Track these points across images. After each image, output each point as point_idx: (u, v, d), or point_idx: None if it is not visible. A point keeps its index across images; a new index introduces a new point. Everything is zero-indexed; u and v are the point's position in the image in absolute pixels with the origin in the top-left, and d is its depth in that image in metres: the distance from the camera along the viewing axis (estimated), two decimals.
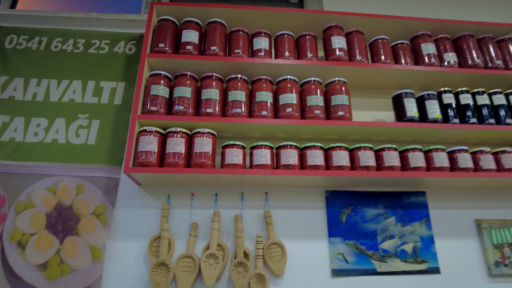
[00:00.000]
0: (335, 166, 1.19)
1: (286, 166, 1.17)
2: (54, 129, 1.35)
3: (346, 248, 1.23)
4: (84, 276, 1.15)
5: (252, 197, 1.28)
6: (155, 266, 1.12)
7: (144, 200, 1.26)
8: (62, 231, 1.20)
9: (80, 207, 1.23)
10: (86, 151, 1.32)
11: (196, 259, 1.14)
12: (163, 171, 1.12)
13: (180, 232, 1.22)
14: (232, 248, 1.21)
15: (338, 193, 1.31)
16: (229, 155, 1.16)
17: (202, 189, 1.28)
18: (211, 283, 1.09)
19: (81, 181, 1.27)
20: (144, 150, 1.14)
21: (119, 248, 1.19)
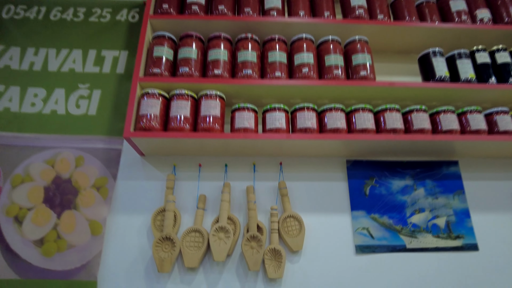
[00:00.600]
0: (359, 129, 1.05)
1: (303, 130, 1.04)
2: (53, 100, 1.25)
3: (371, 222, 1.10)
4: (82, 252, 1.04)
5: (266, 168, 1.16)
6: (159, 240, 1.00)
7: (148, 172, 1.15)
8: (60, 205, 1.10)
9: (80, 180, 1.13)
10: (87, 122, 1.22)
11: (204, 234, 1.02)
12: (167, 135, 1.01)
13: (187, 206, 1.10)
14: (244, 222, 1.09)
15: (361, 163, 1.18)
16: (240, 118, 1.04)
17: (211, 160, 1.16)
18: (221, 259, 0.97)
19: (81, 153, 1.17)
20: (146, 113, 1.03)
21: (120, 222, 1.08)
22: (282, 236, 1.04)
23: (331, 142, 1.06)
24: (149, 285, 1.00)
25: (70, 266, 1.02)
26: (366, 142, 1.05)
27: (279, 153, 1.15)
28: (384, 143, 1.07)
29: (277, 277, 0.98)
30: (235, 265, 1.03)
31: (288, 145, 1.07)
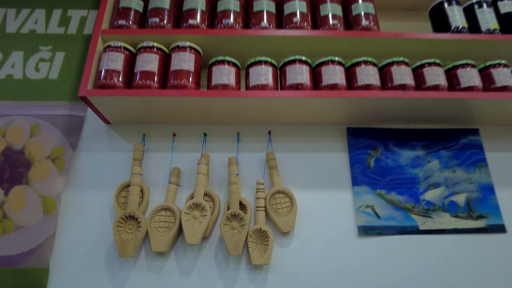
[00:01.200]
0: (361, 85, 0.87)
1: (294, 87, 0.86)
2: (9, 64, 1.08)
3: (377, 199, 0.91)
4: (32, 234, 0.86)
5: (252, 139, 0.98)
6: (121, 220, 0.82)
7: (114, 142, 0.97)
8: (9, 179, 0.92)
9: (33, 151, 0.96)
10: (46, 86, 1.04)
11: (177, 212, 0.84)
12: (130, 93, 0.83)
13: (157, 181, 0.93)
14: (224, 199, 0.91)
15: (364, 131, 1.00)
16: (218, 73, 0.86)
17: (187, 128, 0.99)
18: (194, 242, 0.79)
19: (37, 121, 1.00)
20: (107, 68, 0.85)
21: (79, 200, 0.90)
22: (269, 215, 0.86)
23: (328, 104, 0.88)
24: (110, 273, 0.82)
25: (16, 251, 0.85)
26: (370, 101, 0.87)
27: (267, 119, 0.97)
28: (391, 102, 0.88)
29: (263, 263, 0.80)
30: (213, 249, 0.85)
31: (277, 106, 0.89)
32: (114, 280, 0.82)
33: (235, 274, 0.83)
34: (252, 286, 0.81)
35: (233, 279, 0.82)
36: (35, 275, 0.82)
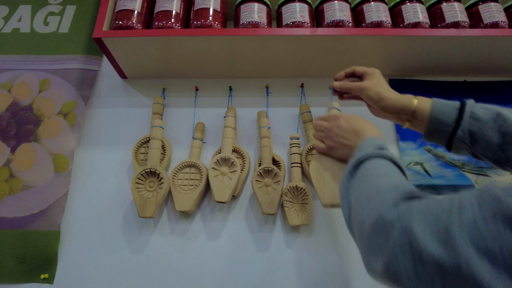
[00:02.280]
0: (408, 24, 0.76)
1: (334, 24, 0.75)
2: (16, 18, 0.98)
3: (426, 156, 0.80)
4: (42, 194, 0.77)
5: (281, 92, 0.88)
6: (141, 176, 0.73)
7: (131, 98, 0.87)
8: (16, 136, 0.83)
9: (43, 107, 0.86)
10: (57, 40, 0.95)
11: (203, 169, 0.74)
12: (149, 33, 0.73)
13: (179, 138, 0.82)
14: (254, 157, 0.81)
15: (407, 83, 0.89)
16: (247, 11, 0.76)
17: (210, 83, 0.88)
18: (223, 199, 0.69)
19: (47, 75, 0.90)
20: (125, 8, 0.75)
21: (93, 158, 0.80)
22: (307, 171, 0.76)
23: (371, 47, 0.77)
24: (128, 237, 0.73)
25: (25, 212, 0.75)
26: (419, 43, 0.76)
27: (298, 72, 0.86)
28: (441, 45, 0.77)
29: (302, 223, 0.69)
30: (244, 209, 0.75)
31: (313, 50, 0.78)
32: (132, 244, 0.72)
33: (269, 237, 0.72)
34: (289, 250, 0.71)
35: (267, 242, 0.72)
36: (45, 238, 0.72)
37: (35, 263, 0.70)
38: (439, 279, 0.27)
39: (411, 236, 0.31)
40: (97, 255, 0.71)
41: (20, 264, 0.70)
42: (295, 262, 0.70)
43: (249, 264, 0.70)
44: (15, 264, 0.70)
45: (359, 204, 0.42)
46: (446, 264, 0.26)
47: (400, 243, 0.31)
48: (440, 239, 0.28)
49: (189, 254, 0.71)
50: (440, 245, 0.28)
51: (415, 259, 0.30)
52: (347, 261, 0.70)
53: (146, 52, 0.78)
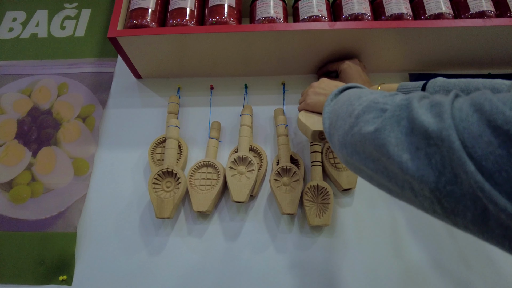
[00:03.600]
0: (430, 15, 0.72)
1: (353, 17, 0.72)
2: (33, 23, 0.99)
3: None
4: (61, 196, 0.76)
5: (298, 89, 0.84)
6: (157, 176, 0.71)
7: (146, 98, 0.86)
8: (37, 141, 0.83)
9: (62, 111, 0.86)
10: (73, 44, 0.95)
11: (220, 169, 0.72)
12: (164, 31, 0.71)
13: (195, 137, 0.81)
14: (271, 156, 0.78)
15: (429, 78, 0.83)
16: (263, 6, 0.73)
17: (225, 81, 0.86)
18: (241, 199, 0.67)
19: (65, 79, 0.90)
20: (139, 7, 0.74)
21: (109, 159, 0.79)
22: (327, 169, 0.72)
23: (391, 40, 0.73)
24: (145, 238, 0.71)
25: (45, 215, 0.75)
26: (442, 34, 0.72)
27: (316, 67, 0.83)
28: (465, 36, 0.72)
29: (323, 224, 0.66)
30: (262, 209, 0.73)
31: (330, 44, 0.75)
32: (149, 246, 0.70)
33: (288, 237, 0.69)
34: (309, 251, 0.68)
35: (286, 243, 0.69)
36: (62, 240, 0.71)
37: (53, 265, 0.69)
38: (424, 145, 0.29)
39: (409, 108, 0.32)
40: (114, 257, 0.69)
41: (40, 266, 0.69)
42: (315, 264, 0.67)
43: (268, 266, 0.67)
44: (35, 266, 0.69)
45: (346, 104, 0.42)
46: (432, 131, 0.28)
47: (396, 115, 0.32)
48: (433, 113, 0.30)
49: (207, 256, 0.69)
50: (432, 116, 0.29)
51: (407, 128, 0.31)
52: (370, 262, 0.66)
53: (160, 50, 0.76)
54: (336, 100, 0.47)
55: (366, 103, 0.38)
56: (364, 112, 0.37)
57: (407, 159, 0.30)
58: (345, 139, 0.39)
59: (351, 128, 0.38)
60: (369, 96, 0.39)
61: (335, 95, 0.49)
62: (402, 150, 0.30)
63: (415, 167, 0.29)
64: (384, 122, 0.33)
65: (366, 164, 0.36)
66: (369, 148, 0.34)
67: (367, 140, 0.34)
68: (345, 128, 0.39)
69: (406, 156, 0.30)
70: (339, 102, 0.45)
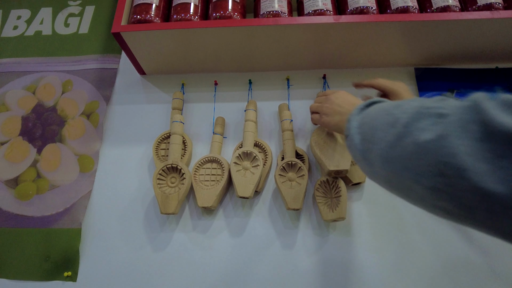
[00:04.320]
0: (437, 8, 0.71)
1: (358, 11, 0.71)
2: (37, 20, 0.99)
3: None
4: (67, 193, 0.76)
5: (302, 85, 0.84)
6: (162, 172, 0.70)
7: (150, 94, 0.85)
8: (42, 137, 0.83)
9: (67, 108, 0.86)
10: (77, 41, 0.94)
11: (224, 164, 0.71)
12: (167, 26, 0.71)
13: (199, 133, 0.80)
14: (276, 151, 0.77)
15: (435, 72, 0.83)
16: (266, 1, 0.72)
17: (229, 77, 0.85)
18: (246, 194, 0.66)
19: (69, 76, 0.90)
20: (143, 2, 0.73)
21: (114, 155, 0.79)
22: None
23: (397, 33, 0.72)
24: (149, 234, 0.71)
25: (51, 211, 0.75)
26: (449, 27, 0.70)
27: (319, 63, 0.82)
28: (473, 30, 0.71)
29: (338, 217, 0.63)
30: (267, 205, 0.72)
31: (335, 39, 0.74)
32: (154, 241, 0.70)
33: (293, 233, 0.69)
34: (315, 246, 0.67)
35: (291, 239, 0.68)
36: (67, 236, 0.71)
37: (58, 261, 0.69)
38: (509, 152, 0.23)
39: (479, 109, 0.27)
40: (119, 253, 0.69)
41: (45, 262, 0.69)
42: (322, 259, 0.66)
43: (273, 261, 0.66)
44: (40, 262, 0.69)
45: (382, 114, 0.37)
46: None
47: (463, 118, 0.27)
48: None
49: (212, 251, 0.68)
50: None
51: (480, 133, 0.26)
52: (378, 258, 0.66)
53: (164, 46, 0.76)
54: (365, 113, 0.42)
55: (413, 110, 0.33)
56: (414, 120, 0.31)
57: (486, 171, 0.24)
58: (391, 152, 0.33)
59: (400, 139, 0.32)
60: (413, 103, 0.34)
61: (361, 109, 0.44)
62: (478, 160, 0.25)
63: (498, 179, 0.24)
64: (448, 128, 0.28)
65: (419, 181, 0.30)
66: (428, 160, 0.29)
67: (426, 151, 0.29)
68: (390, 140, 0.33)
69: (484, 166, 0.24)
70: (369, 115, 0.40)
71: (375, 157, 0.36)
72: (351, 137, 0.42)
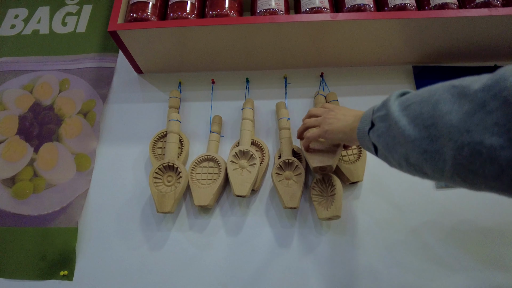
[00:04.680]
0: (435, 5, 0.70)
1: (355, 8, 0.70)
2: (35, 19, 0.98)
3: None
4: (64, 192, 0.76)
5: (300, 83, 0.83)
6: (158, 171, 0.70)
7: (147, 93, 0.85)
8: (39, 136, 0.82)
9: (64, 107, 0.85)
10: (74, 40, 0.94)
11: (221, 163, 0.71)
12: (164, 25, 0.70)
13: (196, 132, 0.80)
14: (273, 150, 0.77)
15: (433, 70, 0.82)
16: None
17: (227, 75, 0.85)
18: (243, 193, 0.66)
19: (66, 75, 0.89)
20: (139, 0, 0.73)
21: (110, 154, 0.78)
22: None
23: (394, 32, 0.71)
24: (146, 233, 0.70)
25: (48, 210, 0.74)
26: (447, 24, 0.70)
27: (317, 61, 0.81)
28: (471, 27, 0.71)
29: (332, 215, 0.62)
30: (264, 204, 0.71)
31: (332, 38, 0.74)
32: (150, 240, 0.69)
33: (290, 232, 0.68)
34: (311, 245, 0.67)
35: (288, 237, 0.68)
36: (64, 235, 0.71)
37: (55, 260, 0.68)
38: None
39: None
40: (115, 252, 0.69)
41: (41, 261, 0.68)
42: (318, 258, 0.65)
43: (270, 260, 0.66)
44: (37, 261, 0.69)
45: (440, 91, 0.35)
46: None
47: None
48: None
49: (208, 250, 0.68)
50: None
51: None
52: (375, 257, 0.65)
53: (161, 44, 0.75)
54: (404, 98, 0.40)
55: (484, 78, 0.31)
56: (485, 95, 0.30)
57: None
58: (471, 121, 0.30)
59: (484, 106, 0.30)
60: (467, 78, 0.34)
61: (397, 96, 0.42)
62: None
63: None
64: None
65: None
66: None
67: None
68: (468, 108, 0.31)
69: None
70: (415, 97, 0.38)
71: (442, 129, 0.33)
72: (389, 123, 0.40)
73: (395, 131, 0.39)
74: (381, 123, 0.42)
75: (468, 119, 0.30)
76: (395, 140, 0.39)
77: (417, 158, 0.36)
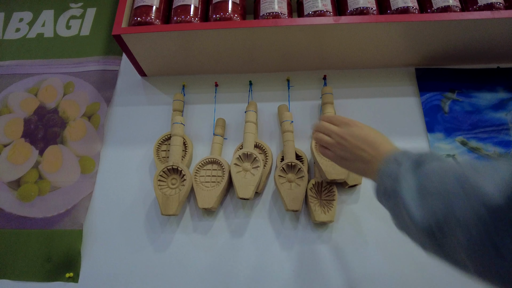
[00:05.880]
0: (437, 8, 0.71)
1: (358, 11, 0.71)
2: (39, 23, 0.99)
3: (459, 148, 0.74)
4: (68, 194, 0.76)
5: (303, 86, 0.83)
6: (163, 173, 0.70)
7: (151, 95, 0.86)
8: (44, 139, 0.83)
9: (68, 109, 0.86)
10: (79, 43, 0.95)
11: (225, 166, 0.71)
12: (168, 28, 0.71)
13: (200, 135, 0.80)
14: (276, 152, 0.77)
15: (435, 72, 0.82)
16: (266, 2, 0.72)
17: (230, 78, 0.85)
18: (246, 195, 0.66)
19: (71, 78, 0.90)
20: (143, 4, 0.74)
21: (115, 157, 0.79)
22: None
23: (397, 34, 0.71)
24: (150, 235, 0.71)
25: (52, 212, 0.75)
26: (449, 27, 0.70)
27: (319, 64, 0.82)
28: (474, 30, 0.71)
29: (328, 220, 0.65)
30: (267, 206, 0.72)
31: (335, 41, 0.74)
32: (155, 242, 0.70)
33: (293, 234, 0.68)
34: (314, 247, 0.67)
35: (291, 240, 0.68)
36: (69, 237, 0.72)
37: (60, 262, 0.69)
38: None
39: None
40: (120, 254, 0.69)
41: (47, 263, 0.69)
42: (320, 260, 0.66)
43: (273, 262, 0.66)
44: (42, 263, 0.69)
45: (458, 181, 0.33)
46: None
47: None
48: None
49: (212, 252, 0.68)
50: None
51: None
52: (375, 260, 0.65)
53: (165, 48, 0.76)
54: (423, 175, 0.37)
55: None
56: None
57: None
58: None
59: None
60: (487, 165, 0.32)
61: (413, 169, 0.38)
62: None
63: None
64: None
65: None
66: None
67: None
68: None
69: None
70: (435, 179, 0.35)
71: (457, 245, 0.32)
72: (401, 205, 0.37)
73: (405, 217, 0.38)
74: (388, 201, 0.42)
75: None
76: (404, 220, 0.40)
77: None
